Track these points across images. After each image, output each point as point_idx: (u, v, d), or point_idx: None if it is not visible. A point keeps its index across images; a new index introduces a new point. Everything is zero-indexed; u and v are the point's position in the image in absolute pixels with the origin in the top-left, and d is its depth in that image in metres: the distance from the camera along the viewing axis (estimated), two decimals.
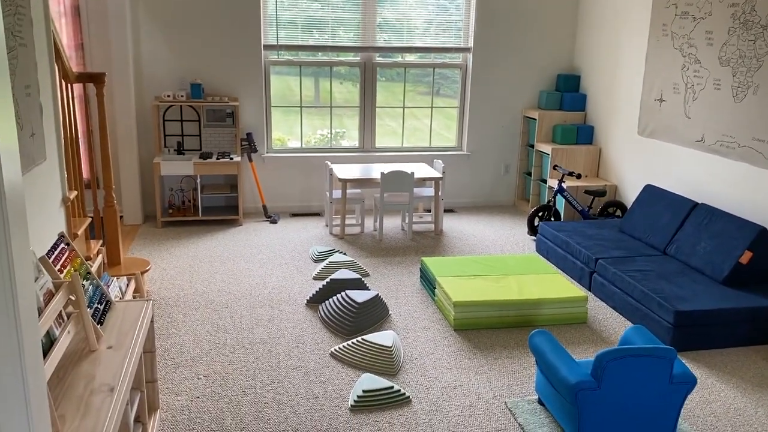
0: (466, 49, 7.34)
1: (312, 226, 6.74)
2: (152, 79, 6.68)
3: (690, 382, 3.07)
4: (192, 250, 5.92)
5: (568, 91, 7.41)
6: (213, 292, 4.99)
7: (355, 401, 3.52)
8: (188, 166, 6.46)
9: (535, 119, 7.29)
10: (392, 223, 6.95)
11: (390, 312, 4.71)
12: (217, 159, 6.56)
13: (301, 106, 7.25)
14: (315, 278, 5.32)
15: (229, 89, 6.86)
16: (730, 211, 5.16)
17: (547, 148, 7.04)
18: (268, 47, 6.92)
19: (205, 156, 6.61)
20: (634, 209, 5.78)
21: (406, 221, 6.79)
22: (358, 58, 7.19)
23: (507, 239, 6.49)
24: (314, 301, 4.82)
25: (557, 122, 7.27)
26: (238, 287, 5.10)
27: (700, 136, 5.46)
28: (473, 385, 3.79)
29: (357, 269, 5.41)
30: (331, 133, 7.42)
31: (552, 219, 6.51)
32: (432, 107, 7.53)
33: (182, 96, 6.57)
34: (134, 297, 4.37)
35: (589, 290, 5.21)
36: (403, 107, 7.47)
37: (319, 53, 7.12)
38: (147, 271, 4.87)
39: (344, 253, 5.90)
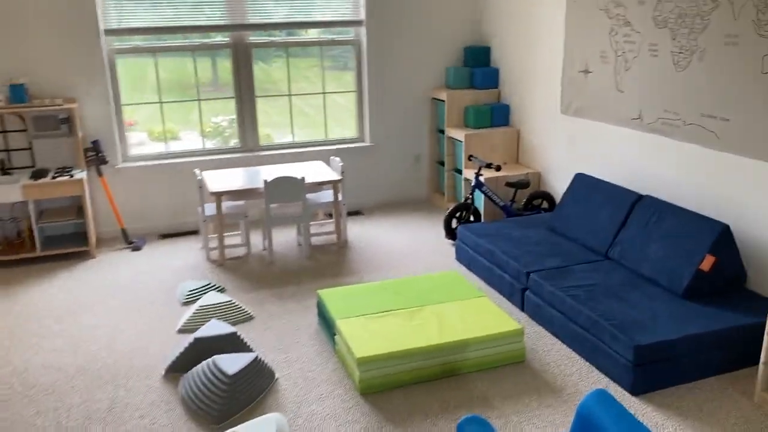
0: (357, 22, 6.20)
1: (185, 251, 5.50)
2: None
3: None
4: (19, 300, 4.58)
5: (478, 65, 6.43)
6: (35, 370, 3.71)
7: None
8: (14, 190, 5.05)
9: (443, 101, 6.27)
10: (287, 236, 5.80)
11: (277, 377, 3.60)
12: (54, 177, 5.17)
13: (161, 102, 5.92)
14: (180, 331, 4.14)
15: (62, 89, 5.45)
16: (682, 204, 4.34)
17: (459, 134, 6.06)
18: (109, 32, 5.53)
19: (38, 174, 5.21)
20: (564, 203, 4.89)
21: (303, 234, 5.65)
22: (228, 39, 5.92)
23: (422, 245, 5.49)
24: (176, 370, 3.64)
25: (469, 103, 6.29)
26: (73, 358, 3.83)
27: (636, 112, 4.60)
28: None
29: (235, 314, 4.25)
30: (202, 132, 6.14)
31: (472, 219, 5.55)
32: (324, 93, 6.38)
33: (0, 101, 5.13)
34: None
35: (523, 311, 4.28)
36: (289, 95, 6.28)
37: (180, 36, 5.80)
38: None
39: (222, 289, 4.71)
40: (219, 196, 5.08)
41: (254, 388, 3.36)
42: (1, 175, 5.29)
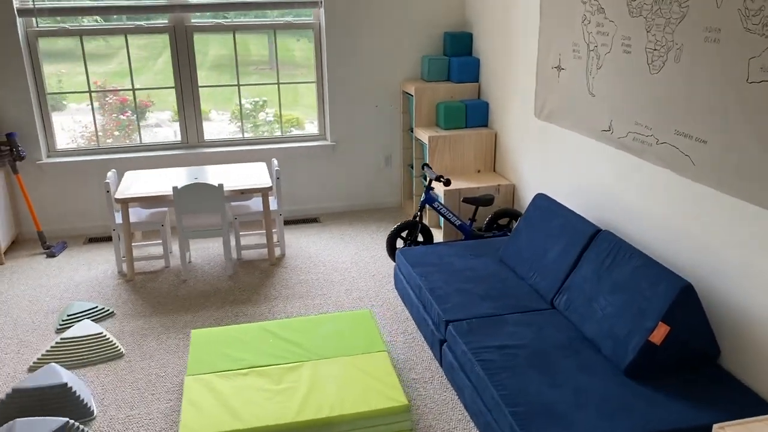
0: (314, 3, 5.40)
1: (102, 260, 4.91)
2: None
3: None
4: None
5: (457, 54, 5.53)
6: None
7: None
8: None
9: (413, 95, 5.42)
10: (219, 248, 5.12)
11: None
12: None
13: (90, 91, 5.31)
14: (30, 369, 3.53)
15: None
16: (647, 245, 3.41)
17: (425, 136, 5.20)
18: (24, 12, 4.94)
19: None
20: (519, 230, 4.00)
21: (233, 245, 4.98)
22: (166, 21, 5.24)
23: (366, 266, 4.70)
24: None
25: (442, 98, 5.41)
26: None
27: (607, 123, 3.65)
28: None
29: (102, 350, 3.61)
30: (138, 125, 5.51)
31: (421, 240, 4.72)
32: (278, 84, 5.63)
33: None
34: None
35: (442, 367, 3.46)
36: (238, 85, 5.56)
37: (114, 16, 5.17)
38: None
39: (109, 314, 4.09)
40: (125, 203, 4.44)
41: None
42: None
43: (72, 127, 5.42)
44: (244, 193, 4.56)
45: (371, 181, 5.89)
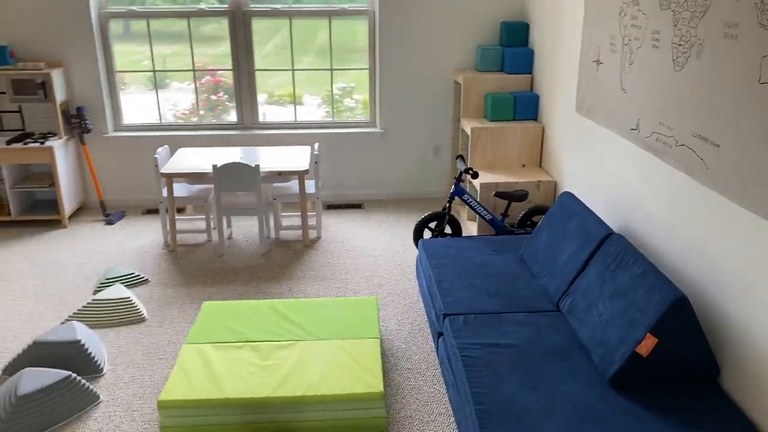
0: None
1: (152, 231, 5.22)
2: None
3: None
4: None
5: (513, 45, 5.39)
6: None
7: None
8: None
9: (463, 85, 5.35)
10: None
11: (101, 400, 3.15)
12: (25, 144, 5.09)
13: (154, 71, 5.63)
14: (64, 323, 3.82)
15: (50, 53, 5.33)
16: (657, 253, 3.22)
17: (469, 126, 5.13)
18: None
19: (18, 139, 5.17)
20: (541, 229, 3.88)
21: (272, 225, 5.14)
22: (226, 6, 5.46)
23: (393, 256, 4.73)
24: (10, 372, 3.33)
25: (491, 89, 5.31)
26: None
27: (635, 121, 3.47)
28: None
29: (126, 313, 3.86)
30: (198, 105, 5.78)
31: (449, 232, 4.67)
32: (332, 70, 5.72)
33: None
34: None
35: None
36: (292, 70, 5.70)
37: (178, 1, 5.45)
38: None
39: (144, 281, 4.35)
40: (170, 178, 4.70)
41: (54, 413, 2.94)
42: None
43: (157, 104, 5.77)
44: (281, 175, 4.69)
45: (419, 170, 5.87)
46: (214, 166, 4.53)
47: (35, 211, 5.37)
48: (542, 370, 2.83)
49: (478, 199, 4.79)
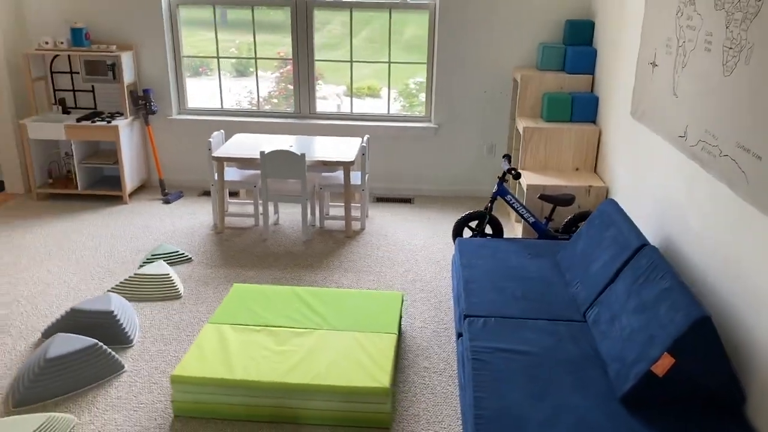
0: None
1: (204, 212, 5.39)
2: (40, 23, 5.59)
3: None
4: (29, 235, 4.86)
5: (576, 44, 5.20)
6: None
7: None
8: (59, 129, 5.35)
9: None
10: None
11: (125, 369, 3.28)
12: (93, 122, 5.37)
13: (218, 57, 5.80)
14: (109, 291, 4.02)
15: (123, 35, 5.59)
16: (686, 267, 3.04)
17: (522, 126, 4.99)
18: None
19: (87, 117, 5.46)
20: (580, 235, 3.73)
21: (317, 214, 5.20)
22: None
23: (432, 253, 4.68)
24: (47, 335, 3.53)
25: (550, 88, 5.14)
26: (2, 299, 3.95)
27: (683, 128, 3.27)
28: None
29: (163, 289, 4.01)
30: (258, 93, 5.92)
31: (490, 233, 4.57)
32: (390, 63, 5.71)
33: (62, 43, 5.43)
34: None
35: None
36: (351, 61, 5.73)
37: None
38: None
39: (188, 260, 4.50)
40: (221, 162, 4.84)
41: (79, 377, 3.09)
42: (61, 113, 5.65)
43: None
44: (327, 165, 4.73)
45: (472, 168, 5.78)
46: (262, 153, 4.62)
47: (101, 186, 5.66)
48: (553, 381, 2.73)
49: (524, 201, 4.66)
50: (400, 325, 3.59)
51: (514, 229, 5.08)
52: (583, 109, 4.98)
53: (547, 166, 4.94)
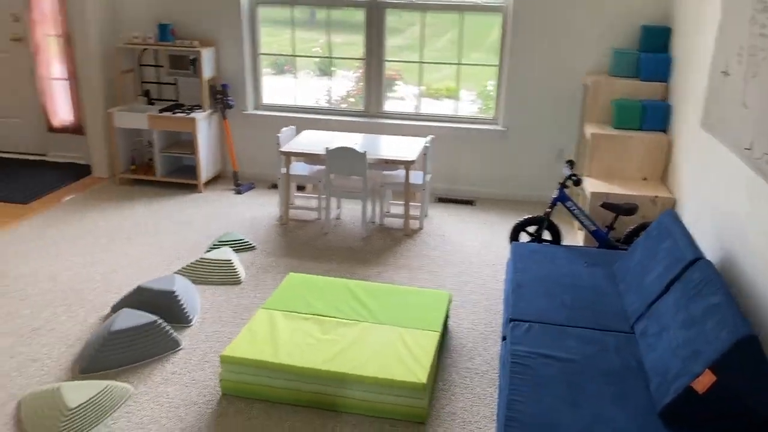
0: None
1: (272, 204, 5.60)
2: (131, 18, 5.96)
3: None
4: (110, 217, 5.20)
5: (651, 50, 5.06)
6: (39, 277, 4.21)
7: None
8: (142, 119, 5.70)
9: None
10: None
11: (182, 347, 3.48)
12: (173, 113, 5.68)
13: (294, 55, 6.00)
14: (177, 272, 4.26)
15: (205, 31, 5.88)
16: (742, 284, 2.92)
17: (589, 132, 4.91)
18: None
19: (168, 108, 5.79)
20: (637, 246, 3.65)
21: (378, 211, 5.30)
22: None
23: (488, 256, 4.68)
24: (115, 310, 3.79)
25: (619, 95, 5.03)
26: (75, 273, 4.25)
27: (749, 140, 3.14)
28: None
29: (225, 274, 4.21)
30: (329, 91, 6.07)
31: (548, 239, 4.51)
32: (459, 64, 5.73)
33: (150, 38, 5.77)
34: None
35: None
36: (420, 62, 5.80)
37: None
38: None
39: (251, 247, 4.69)
40: (288, 156, 5.01)
41: (139, 350, 3.31)
42: (146, 104, 6.00)
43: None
44: (388, 163, 4.82)
45: (538, 172, 5.72)
46: (326, 149, 4.76)
47: (178, 174, 5.98)
48: (592, 390, 2.70)
49: (587, 209, 4.59)
50: (446, 324, 3.63)
51: (576, 237, 5.00)
52: (653, 117, 4.84)
53: (613, 174, 4.83)
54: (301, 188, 5.92)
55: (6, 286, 4.07)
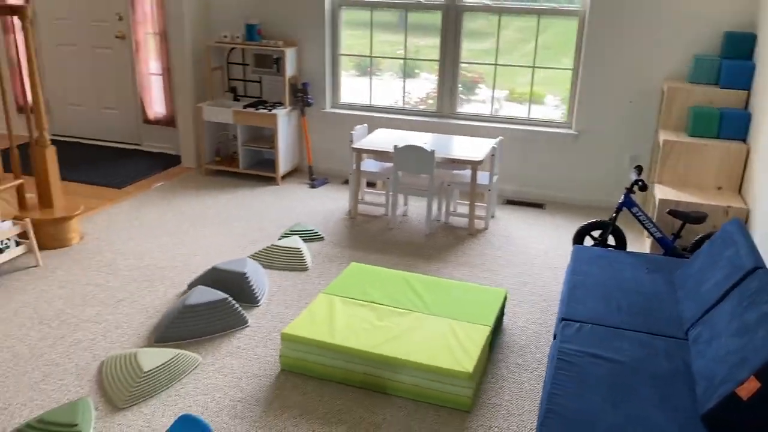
0: None
1: (343, 199, 5.82)
2: (222, 18, 6.35)
3: None
4: (193, 204, 5.58)
5: (734, 57, 4.93)
6: (127, 255, 4.59)
7: None
8: (228, 113, 6.06)
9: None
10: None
11: (248, 324, 3.73)
12: (256, 109, 6.01)
13: (371, 56, 6.20)
14: (250, 257, 4.54)
15: (289, 32, 6.18)
16: None
17: (663, 139, 4.83)
18: None
19: (252, 105, 6.12)
20: (699, 254, 3.60)
21: (443, 210, 5.41)
22: (443, 0, 5.80)
23: (551, 259, 4.70)
24: (192, 286, 4.09)
25: (697, 102, 4.92)
26: (159, 253, 4.61)
27: None
28: None
29: (293, 261, 4.45)
30: (404, 91, 6.24)
31: (612, 244, 4.48)
32: (534, 67, 5.76)
33: (238, 37, 6.13)
34: (18, 243, 4.25)
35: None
36: (495, 64, 5.86)
37: None
38: (76, 215, 4.70)
39: (319, 238, 4.92)
40: (359, 153, 5.21)
41: (209, 325, 3.58)
42: (234, 100, 6.37)
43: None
44: (455, 163, 4.93)
45: (610, 178, 5.66)
46: (395, 147, 4.92)
47: (259, 167, 6.31)
48: (635, 392, 2.72)
49: (654, 215, 4.53)
50: (500, 321, 3.71)
51: (644, 244, 4.94)
52: (732, 125, 4.71)
53: (686, 182, 4.74)
54: (371, 185, 6.11)
55: (100, 260, 4.47)
